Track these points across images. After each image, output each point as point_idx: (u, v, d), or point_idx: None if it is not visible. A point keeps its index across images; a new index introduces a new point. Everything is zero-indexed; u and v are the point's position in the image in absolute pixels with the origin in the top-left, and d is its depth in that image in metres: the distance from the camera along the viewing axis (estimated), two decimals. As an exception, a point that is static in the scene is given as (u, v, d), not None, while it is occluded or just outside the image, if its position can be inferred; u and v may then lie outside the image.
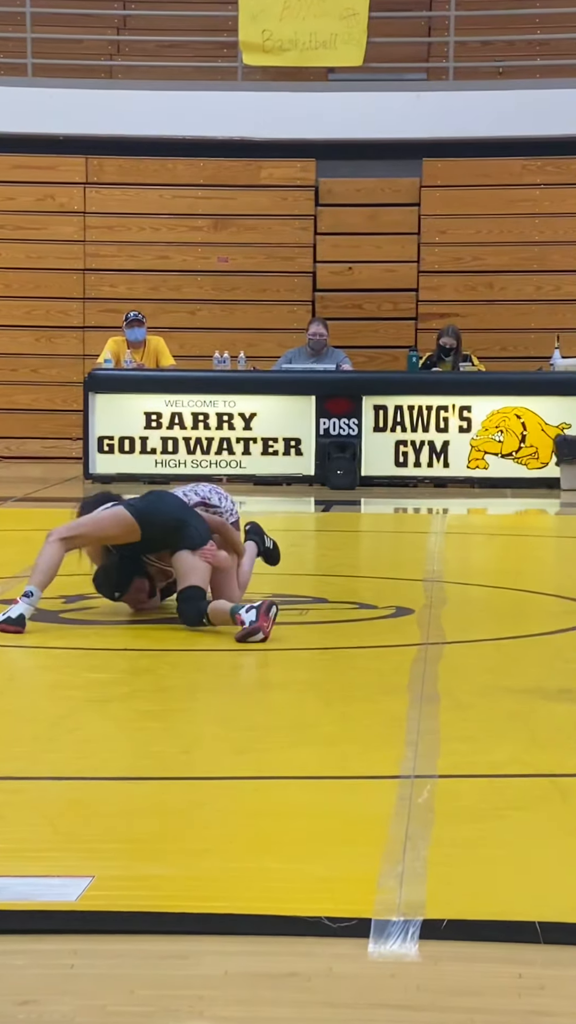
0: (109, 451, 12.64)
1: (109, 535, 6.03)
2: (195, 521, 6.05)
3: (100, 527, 6.02)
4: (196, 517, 6.09)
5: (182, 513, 6.07)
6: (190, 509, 6.13)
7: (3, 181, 14.94)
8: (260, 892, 3.09)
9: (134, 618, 6.32)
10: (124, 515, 5.99)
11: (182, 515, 6.05)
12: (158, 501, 6.11)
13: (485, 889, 3.12)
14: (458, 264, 14.85)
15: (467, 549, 9.50)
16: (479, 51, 15.74)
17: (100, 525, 6.02)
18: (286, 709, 4.88)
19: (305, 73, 15.02)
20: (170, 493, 6.29)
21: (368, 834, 3.46)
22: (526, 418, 12.53)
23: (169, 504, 6.11)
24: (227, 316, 14.92)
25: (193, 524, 6.02)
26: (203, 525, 6.06)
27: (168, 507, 6.08)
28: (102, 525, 6.02)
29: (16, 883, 3.12)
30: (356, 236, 14.91)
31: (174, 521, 6.01)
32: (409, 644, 5.84)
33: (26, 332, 14.95)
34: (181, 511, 6.08)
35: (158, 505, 6.08)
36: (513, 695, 5.01)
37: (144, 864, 3.27)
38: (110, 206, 14.98)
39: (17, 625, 5.83)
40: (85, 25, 16.13)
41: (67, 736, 4.42)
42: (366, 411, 12.54)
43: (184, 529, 5.99)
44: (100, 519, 6.04)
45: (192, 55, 15.76)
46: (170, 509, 6.08)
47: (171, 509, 6.08)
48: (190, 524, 6.01)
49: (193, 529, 6.00)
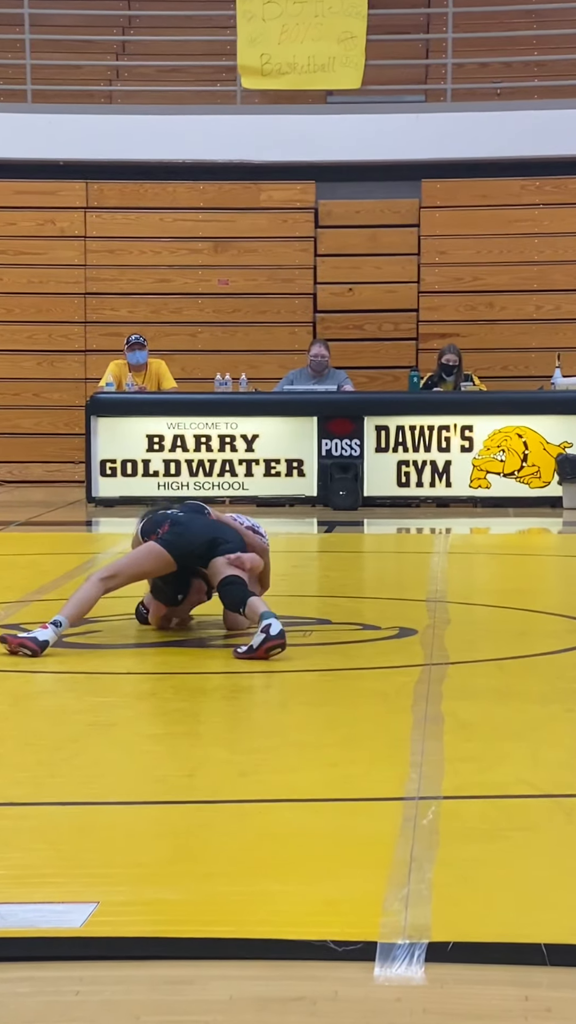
0: (112, 474, 12.66)
1: (146, 571, 6.20)
2: (226, 534, 6.23)
3: (137, 565, 6.19)
4: (227, 530, 6.28)
5: (212, 532, 6.23)
6: (218, 525, 6.28)
7: (4, 206, 15.00)
8: (265, 916, 3.09)
9: (137, 642, 6.32)
10: (158, 550, 6.14)
11: (213, 534, 6.22)
12: (187, 528, 6.23)
13: (490, 911, 3.12)
14: (458, 284, 14.89)
15: (470, 569, 9.50)
16: (477, 73, 15.80)
17: (136, 562, 6.19)
18: (290, 731, 4.87)
19: (304, 96, 15.09)
20: (197, 514, 6.38)
21: (373, 856, 3.46)
22: (528, 437, 12.54)
23: (198, 527, 6.25)
24: (228, 338, 14.95)
25: (224, 538, 6.19)
26: (235, 536, 6.25)
27: (198, 530, 6.23)
28: (138, 561, 6.19)
29: (20, 909, 3.11)
30: (356, 257, 14.95)
31: (206, 543, 6.17)
32: (413, 665, 5.84)
33: (28, 356, 14.99)
34: (210, 530, 6.24)
35: (187, 533, 6.21)
36: (517, 715, 5.00)
37: (149, 889, 3.26)
38: (111, 230, 15.04)
39: (38, 647, 5.87)
40: (84, 51, 16.21)
41: (71, 761, 4.41)
42: (368, 431, 12.56)
43: (216, 546, 6.17)
44: (136, 558, 6.20)
45: (191, 79, 15.83)
46: (200, 532, 6.22)
47: (201, 532, 6.22)
48: (221, 539, 6.19)
49: (224, 543, 6.18)
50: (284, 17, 14.43)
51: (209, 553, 6.15)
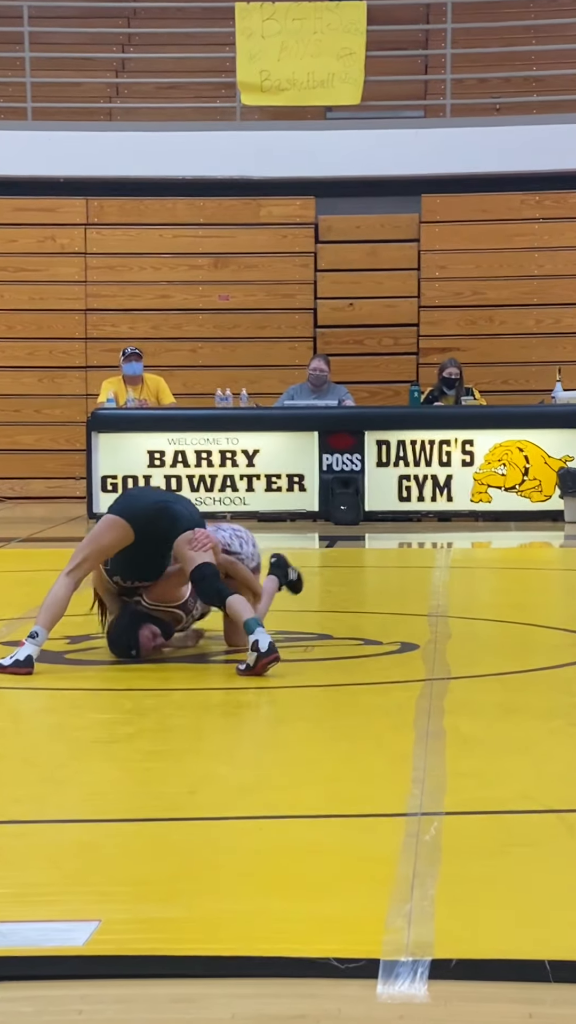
0: (113, 490, 12.65)
1: (105, 544, 6.01)
2: (180, 504, 6.11)
3: (95, 541, 6.05)
4: (180, 500, 6.24)
5: (161, 496, 6.25)
6: (169, 492, 6.34)
7: (4, 224, 15.03)
8: (268, 933, 3.08)
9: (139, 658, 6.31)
10: (111, 519, 6.04)
11: (162, 497, 6.22)
12: (136, 493, 6.34)
13: (494, 927, 3.11)
14: (458, 299, 14.91)
15: (472, 583, 9.49)
16: (476, 88, 15.85)
17: (94, 538, 6.07)
18: (291, 747, 4.87)
19: (303, 112, 15.13)
20: (146, 486, 6.54)
21: (375, 873, 3.45)
22: (529, 451, 12.54)
23: (147, 493, 6.39)
24: (229, 354, 14.97)
25: (179, 505, 6.09)
26: (190, 506, 6.11)
27: (142, 493, 6.37)
28: (95, 537, 6.06)
29: (23, 928, 3.10)
30: (356, 272, 14.98)
31: (156, 505, 6.05)
32: (414, 680, 5.83)
33: (29, 373, 15.01)
34: (160, 495, 6.30)
35: (137, 496, 6.26)
36: (519, 730, 4.99)
37: (151, 907, 3.25)
38: (111, 246, 15.06)
39: (26, 667, 5.83)
40: (84, 69, 16.26)
41: (72, 778, 4.41)
42: (369, 446, 12.56)
43: (169, 511, 6.00)
44: (93, 535, 6.11)
45: (191, 96, 15.88)
46: (144, 494, 6.35)
47: (150, 495, 6.30)
48: (174, 505, 6.06)
49: (181, 509, 6.03)
50: (283, 34, 14.48)
51: (165, 519, 5.93)
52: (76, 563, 6.04)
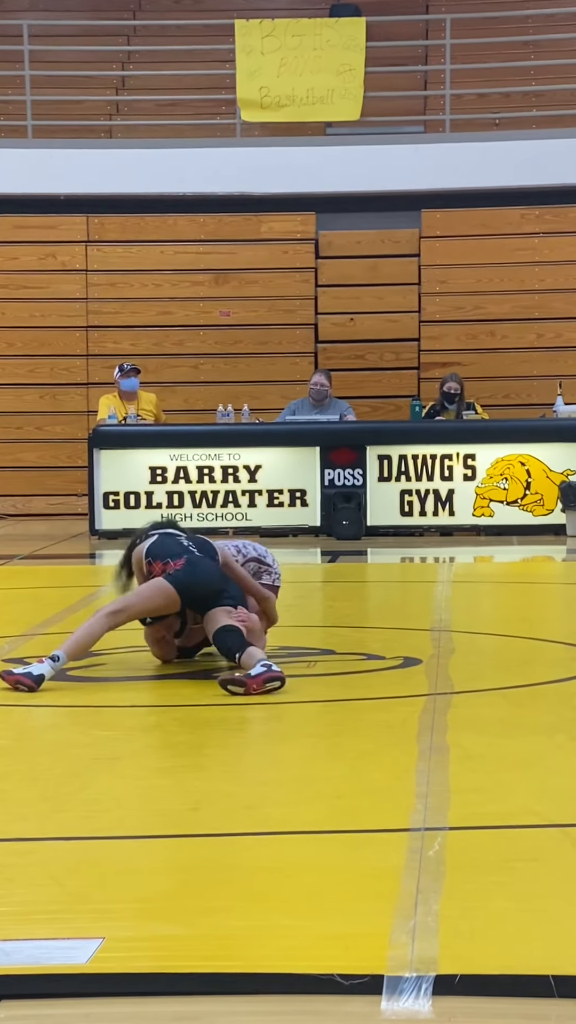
0: (115, 507, 12.67)
1: (153, 608, 6.12)
2: (231, 588, 6.21)
3: (146, 601, 6.10)
4: (232, 584, 6.25)
5: (221, 583, 6.20)
6: (226, 576, 6.24)
7: (5, 241, 15.07)
8: (272, 950, 3.07)
9: (142, 675, 6.31)
10: (166, 587, 6.08)
11: (221, 584, 6.19)
12: (197, 570, 6.14)
13: (498, 943, 3.10)
14: (459, 313, 14.93)
15: (474, 598, 9.48)
16: (475, 103, 15.89)
17: (145, 599, 6.11)
18: (295, 763, 4.86)
19: (303, 128, 15.17)
20: (207, 559, 6.27)
21: (379, 888, 3.44)
22: (530, 465, 12.54)
23: (209, 574, 6.18)
24: (230, 370, 14.99)
25: (229, 592, 6.18)
26: (238, 591, 6.24)
27: (208, 576, 6.16)
28: (147, 598, 6.10)
29: (25, 947, 3.09)
30: (357, 288, 15.00)
31: (214, 592, 6.14)
32: (417, 695, 5.82)
33: (30, 390, 15.03)
34: (220, 580, 6.20)
35: (198, 574, 6.14)
36: (523, 744, 4.99)
37: (154, 924, 3.25)
38: (112, 263, 15.09)
39: (33, 682, 5.84)
40: (84, 86, 16.32)
41: (75, 795, 4.40)
42: (370, 461, 12.57)
43: (221, 597, 6.15)
44: (145, 595, 6.12)
45: (191, 113, 15.92)
46: (210, 579, 6.17)
47: (211, 579, 6.17)
48: (226, 592, 6.17)
49: (228, 596, 6.16)
50: (283, 50, 14.53)
51: (212, 603, 6.13)
52: (118, 608, 6.11)
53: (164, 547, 6.24)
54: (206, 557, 6.27)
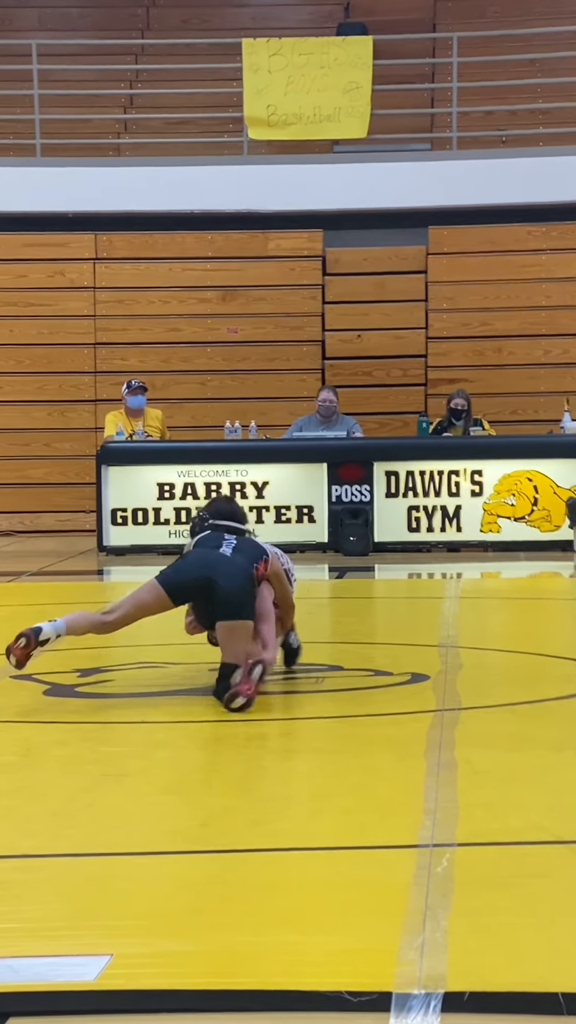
0: (123, 523, 12.68)
1: (143, 606, 6.06)
2: (223, 579, 5.94)
3: (137, 602, 6.08)
4: (227, 569, 5.98)
5: (206, 570, 5.96)
6: (215, 561, 6.01)
7: (14, 259, 15.11)
8: (280, 967, 3.07)
9: (150, 691, 6.31)
10: (152, 586, 6.03)
11: (206, 572, 5.95)
12: (185, 563, 6.08)
13: (507, 960, 3.09)
14: (466, 330, 14.95)
15: (482, 613, 9.48)
16: (482, 121, 15.93)
17: (137, 600, 6.08)
18: (303, 779, 4.86)
19: (310, 146, 15.21)
20: (208, 550, 6.15)
21: (387, 905, 3.44)
22: (538, 481, 12.54)
23: (193, 564, 6.04)
24: (238, 386, 15.01)
25: (221, 584, 5.92)
26: (236, 578, 5.96)
27: (191, 566, 6.02)
28: (139, 599, 6.08)
29: (34, 963, 3.09)
30: (364, 304, 15.03)
31: (198, 580, 5.96)
32: (425, 711, 5.82)
33: (39, 407, 15.06)
34: (205, 567, 5.98)
35: (182, 569, 6.05)
36: (531, 760, 4.98)
37: (162, 940, 3.24)
38: (120, 280, 15.13)
39: (32, 633, 5.85)
40: (93, 105, 16.38)
41: (84, 812, 4.40)
42: (378, 477, 12.57)
43: (210, 588, 5.93)
44: (137, 594, 6.10)
45: (198, 131, 15.98)
46: (193, 568, 6.01)
47: (195, 568, 6.00)
48: (218, 581, 5.92)
49: (224, 585, 5.92)
50: (290, 69, 14.58)
51: (208, 594, 5.95)
52: (110, 609, 6.12)
53: (192, 534, 6.28)
54: (202, 547, 6.16)
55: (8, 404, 15.06)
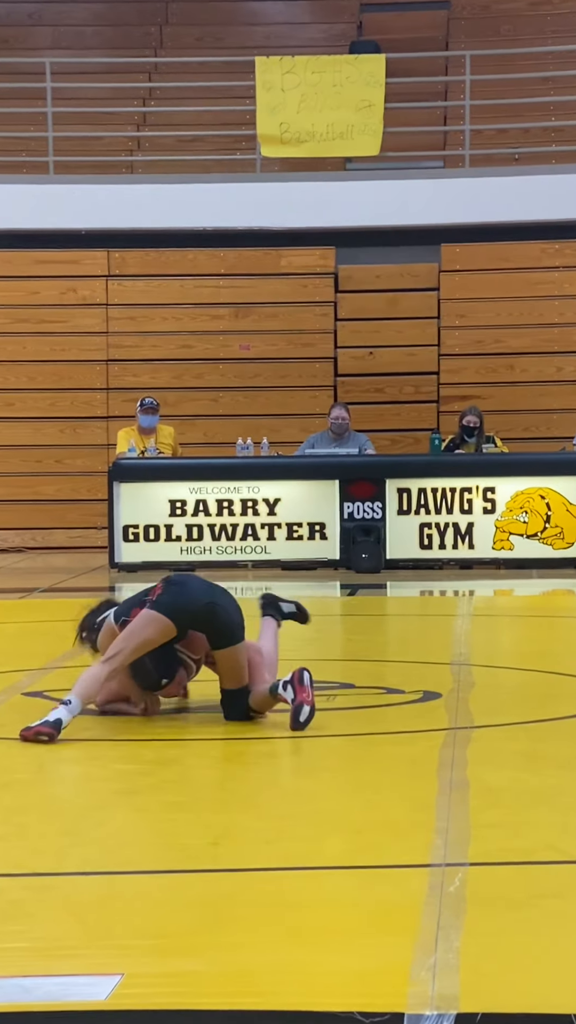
0: (134, 540, 12.68)
1: (146, 640, 5.74)
2: (223, 599, 5.83)
3: (137, 636, 5.73)
4: (223, 595, 5.88)
5: (209, 594, 5.83)
6: (212, 586, 5.91)
7: (27, 276, 15.16)
8: (292, 986, 3.05)
9: (161, 708, 6.29)
10: (153, 615, 5.73)
11: (210, 596, 5.81)
12: (183, 588, 5.82)
13: (520, 980, 3.08)
14: (478, 347, 14.95)
15: (494, 631, 9.45)
16: (495, 139, 15.95)
17: (136, 634, 5.74)
18: (314, 797, 4.84)
19: (323, 163, 15.25)
20: (191, 575, 6.17)
21: (400, 924, 3.42)
22: (550, 498, 12.53)
23: (196, 586, 5.87)
24: (250, 403, 15.03)
25: (223, 605, 5.80)
26: (231, 601, 5.85)
27: (196, 590, 5.83)
28: (135, 632, 5.74)
29: (45, 983, 3.08)
30: (376, 321, 15.04)
31: (204, 606, 5.78)
32: (437, 729, 5.80)
33: (50, 423, 15.08)
34: (208, 592, 5.85)
35: (184, 591, 5.80)
36: (544, 779, 4.96)
37: (175, 960, 3.23)
38: (132, 297, 15.16)
39: (53, 728, 5.65)
40: (105, 123, 16.44)
41: (95, 830, 4.39)
42: (390, 494, 12.56)
43: (214, 616, 5.78)
44: (133, 630, 5.76)
45: (211, 148, 16.02)
46: (198, 592, 5.82)
47: (199, 592, 5.82)
48: (219, 605, 5.79)
49: (224, 617, 5.79)
50: (303, 86, 14.62)
51: (209, 622, 5.76)
52: (111, 654, 5.76)
53: (128, 601, 5.95)
54: (190, 576, 6.08)
55: (20, 421, 15.09)
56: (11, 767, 5.36)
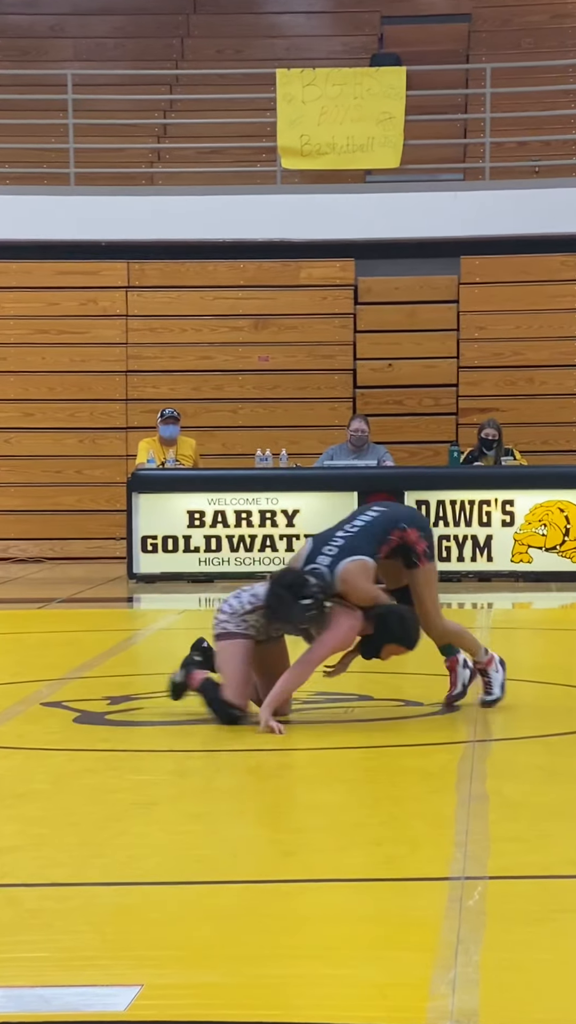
0: (153, 550, 12.69)
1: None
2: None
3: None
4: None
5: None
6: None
7: (47, 287, 15.20)
8: (310, 999, 3.05)
9: (179, 719, 6.30)
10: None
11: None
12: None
13: (539, 995, 3.07)
14: (498, 359, 14.94)
15: (513, 644, 9.43)
16: (515, 151, 15.95)
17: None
18: (333, 810, 4.84)
19: (343, 175, 15.27)
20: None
21: (419, 938, 3.41)
22: (569, 511, 12.50)
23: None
24: (269, 414, 15.03)
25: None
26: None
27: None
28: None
29: (64, 993, 3.08)
30: (396, 333, 15.04)
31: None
32: (456, 742, 5.79)
33: (70, 434, 15.11)
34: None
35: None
36: (563, 793, 4.94)
37: (193, 971, 3.23)
38: (152, 309, 15.20)
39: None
40: (126, 135, 16.49)
41: (114, 840, 4.39)
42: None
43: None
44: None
45: (232, 160, 16.06)
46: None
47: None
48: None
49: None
50: (323, 99, 14.64)
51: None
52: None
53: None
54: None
55: (40, 431, 15.13)
56: (30, 777, 5.37)
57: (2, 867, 4.10)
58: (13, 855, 4.23)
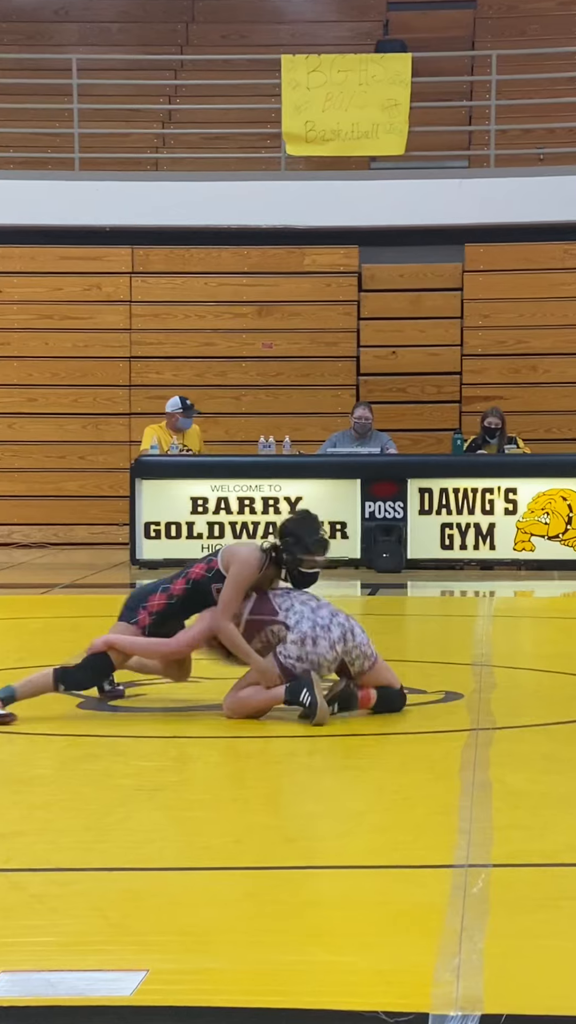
0: (156, 536, 12.70)
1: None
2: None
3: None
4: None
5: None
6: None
7: (51, 272, 15.18)
8: (316, 986, 3.06)
9: (183, 706, 6.31)
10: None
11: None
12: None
13: (543, 982, 3.08)
14: (502, 347, 14.93)
15: (515, 632, 9.44)
16: (520, 139, 15.92)
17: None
18: (336, 797, 4.85)
19: (347, 162, 15.23)
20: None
21: (423, 925, 3.42)
22: (572, 500, 12.50)
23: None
24: (272, 401, 15.03)
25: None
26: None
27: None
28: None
29: (70, 977, 3.09)
30: (399, 321, 15.02)
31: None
32: (459, 729, 5.80)
33: (73, 420, 15.11)
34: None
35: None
36: (566, 781, 4.96)
37: (198, 957, 3.24)
38: (156, 295, 15.18)
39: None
40: (131, 120, 16.45)
41: (118, 826, 4.40)
42: (411, 494, 12.55)
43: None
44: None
45: (236, 146, 16.02)
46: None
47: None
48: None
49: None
50: (328, 85, 14.61)
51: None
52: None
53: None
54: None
55: (43, 417, 15.12)
56: (34, 763, 5.38)
57: (7, 852, 4.11)
58: (17, 840, 4.24)
